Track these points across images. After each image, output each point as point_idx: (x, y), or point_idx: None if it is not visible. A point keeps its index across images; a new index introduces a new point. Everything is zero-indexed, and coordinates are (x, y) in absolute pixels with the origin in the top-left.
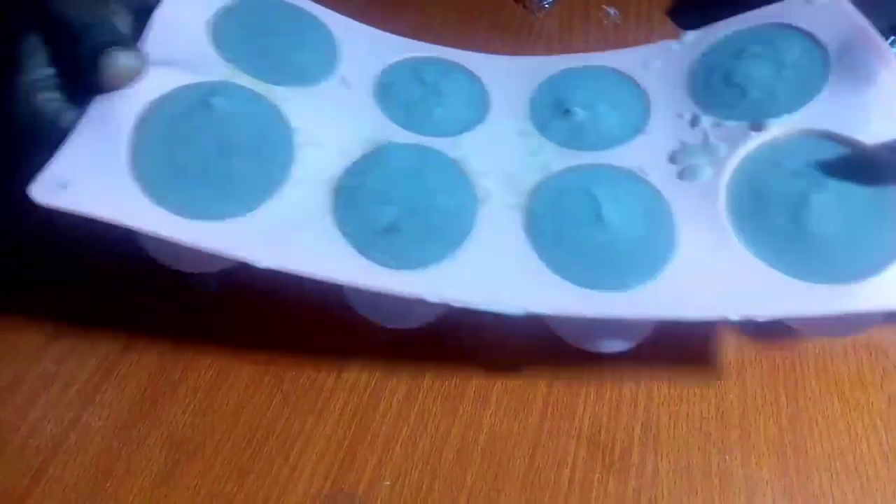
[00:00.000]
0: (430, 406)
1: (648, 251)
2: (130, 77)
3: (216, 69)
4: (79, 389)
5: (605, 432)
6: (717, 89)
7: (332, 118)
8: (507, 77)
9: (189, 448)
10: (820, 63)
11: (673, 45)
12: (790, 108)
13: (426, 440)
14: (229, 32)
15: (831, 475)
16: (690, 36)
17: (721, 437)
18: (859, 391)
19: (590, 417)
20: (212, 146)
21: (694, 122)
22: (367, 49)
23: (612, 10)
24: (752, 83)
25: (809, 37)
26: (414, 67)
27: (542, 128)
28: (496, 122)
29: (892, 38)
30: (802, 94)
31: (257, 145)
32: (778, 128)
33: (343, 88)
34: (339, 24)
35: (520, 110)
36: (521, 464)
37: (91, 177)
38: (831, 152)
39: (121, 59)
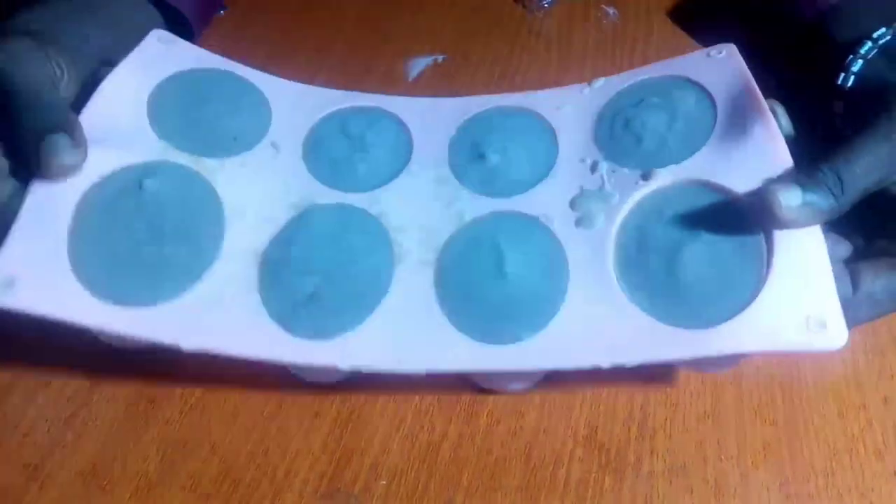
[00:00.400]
0: (426, 405)
1: (541, 302)
2: (69, 173)
3: (151, 147)
4: (76, 388)
5: (602, 432)
6: (617, 135)
7: (259, 187)
8: (430, 119)
9: (185, 448)
10: (709, 116)
11: (584, 88)
12: (678, 158)
13: (423, 439)
14: (165, 106)
15: (827, 476)
16: (599, 81)
17: (717, 437)
18: (855, 391)
19: (586, 417)
20: (144, 232)
21: (594, 167)
22: (297, 107)
23: (611, 10)
24: (647, 132)
25: (703, 90)
26: (341, 120)
27: (459, 172)
28: (416, 171)
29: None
30: (689, 146)
31: (188, 226)
32: (664, 177)
33: (272, 153)
34: (270, 85)
35: (439, 154)
36: (517, 463)
37: (35, 274)
38: (706, 201)
39: (61, 158)
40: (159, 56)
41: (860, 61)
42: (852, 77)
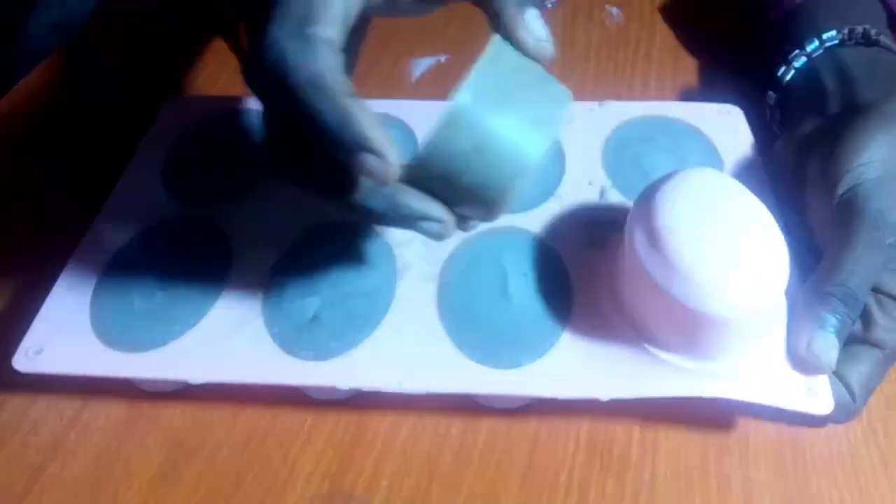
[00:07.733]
0: (429, 407)
1: (543, 326)
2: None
3: (166, 210)
4: (78, 388)
5: (604, 434)
6: (625, 168)
7: (266, 216)
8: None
9: (188, 447)
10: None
11: (594, 107)
12: None
13: (425, 441)
14: (179, 168)
15: (829, 478)
16: (610, 103)
17: (719, 439)
18: None
19: (588, 420)
20: (155, 282)
21: (603, 194)
22: None
23: (614, 11)
24: (658, 174)
25: (713, 147)
26: None
27: None
28: None
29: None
30: None
31: (197, 269)
32: None
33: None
34: None
35: None
36: (519, 465)
37: (60, 339)
38: None
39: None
40: (173, 123)
41: (803, 58)
42: (792, 71)
